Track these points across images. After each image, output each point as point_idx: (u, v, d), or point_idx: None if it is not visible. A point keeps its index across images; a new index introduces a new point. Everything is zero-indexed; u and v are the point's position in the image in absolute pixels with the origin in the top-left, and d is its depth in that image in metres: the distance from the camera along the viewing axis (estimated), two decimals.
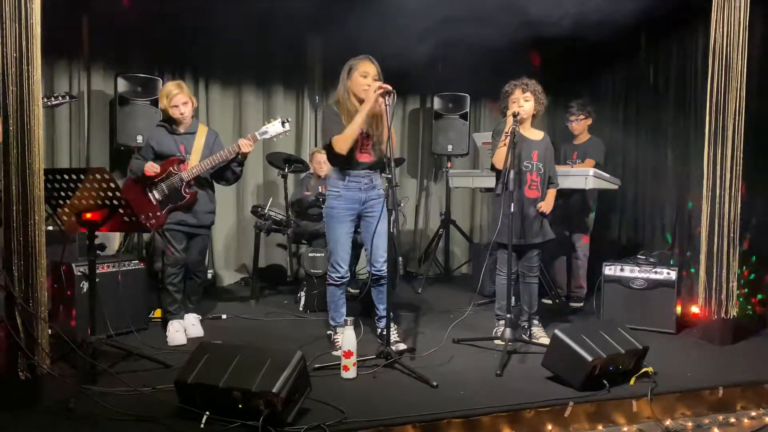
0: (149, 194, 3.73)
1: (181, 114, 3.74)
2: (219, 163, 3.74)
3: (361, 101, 3.36)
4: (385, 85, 3.26)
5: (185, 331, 3.83)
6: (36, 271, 2.68)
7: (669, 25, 5.01)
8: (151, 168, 3.69)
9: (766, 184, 4.18)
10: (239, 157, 3.74)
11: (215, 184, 3.94)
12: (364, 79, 3.37)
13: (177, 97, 3.72)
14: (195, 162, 3.74)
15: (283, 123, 3.79)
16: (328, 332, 3.72)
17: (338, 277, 3.51)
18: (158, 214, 3.71)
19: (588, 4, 4.50)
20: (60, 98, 3.81)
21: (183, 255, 3.79)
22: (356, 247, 4.31)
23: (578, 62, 5.92)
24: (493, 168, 3.80)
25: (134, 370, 3.09)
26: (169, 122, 3.81)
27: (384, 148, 3.38)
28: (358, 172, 3.46)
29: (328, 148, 3.42)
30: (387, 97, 3.24)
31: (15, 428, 2.46)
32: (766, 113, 4.13)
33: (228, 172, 3.84)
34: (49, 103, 3.69)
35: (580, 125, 4.97)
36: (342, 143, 3.34)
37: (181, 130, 3.80)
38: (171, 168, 3.72)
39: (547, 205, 3.75)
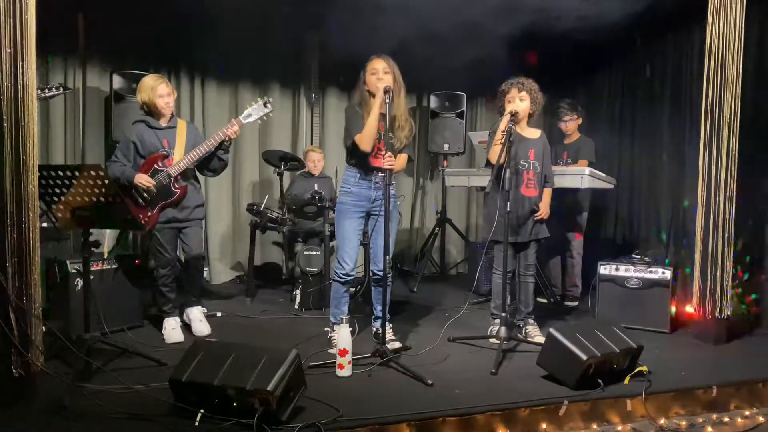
0: (136, 196, 3.64)
1: (167, 104, 3.69)
2: (205, 153, 3.69)
3: None
4: (384, 84, 3.30)
5: (192, 326, 3.81)
6: (30, 268, 2.67)
7: (665, 26, 5.02)
8: (146, 182, 3.59)
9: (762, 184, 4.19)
10: (225, 143, 3.71)
11: (205, 179, 3.87)
12: (374, 76, 3.42)
13: (161, 87, 3.68)
14: (179, 156, 3.68)
15: (265, 104, 3.78)
16: (326, 329, 3.72)
17: (343, 274, 3.52)
18: (149, 214, 3.64)
19: (585, 4, 4.51)
20: (54, 89, 3.77)
21: (174, 255, 3.76)
22: None
23: (575, 62, 5.93)
24: (488, 164, 3.80)
25: (128, 368, 3.07)
26: (150, 117, 3.73)
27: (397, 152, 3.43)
28: (372, 172, 3.48)
29: (352, 147, 3.44)
30: (386, 95, 3.26)
31: (9, 425, 2.45)
32: (762, 113, 4.14)
33: (214, 160, 3.78)
34: (43, 95, 3.66)
35: (571, 125, 4.98)
36: (362, 142, 3.38)
37: (163, 124, 3.73)
38: (156, 165, 3.65)
39: (544, 208, 3.76)
